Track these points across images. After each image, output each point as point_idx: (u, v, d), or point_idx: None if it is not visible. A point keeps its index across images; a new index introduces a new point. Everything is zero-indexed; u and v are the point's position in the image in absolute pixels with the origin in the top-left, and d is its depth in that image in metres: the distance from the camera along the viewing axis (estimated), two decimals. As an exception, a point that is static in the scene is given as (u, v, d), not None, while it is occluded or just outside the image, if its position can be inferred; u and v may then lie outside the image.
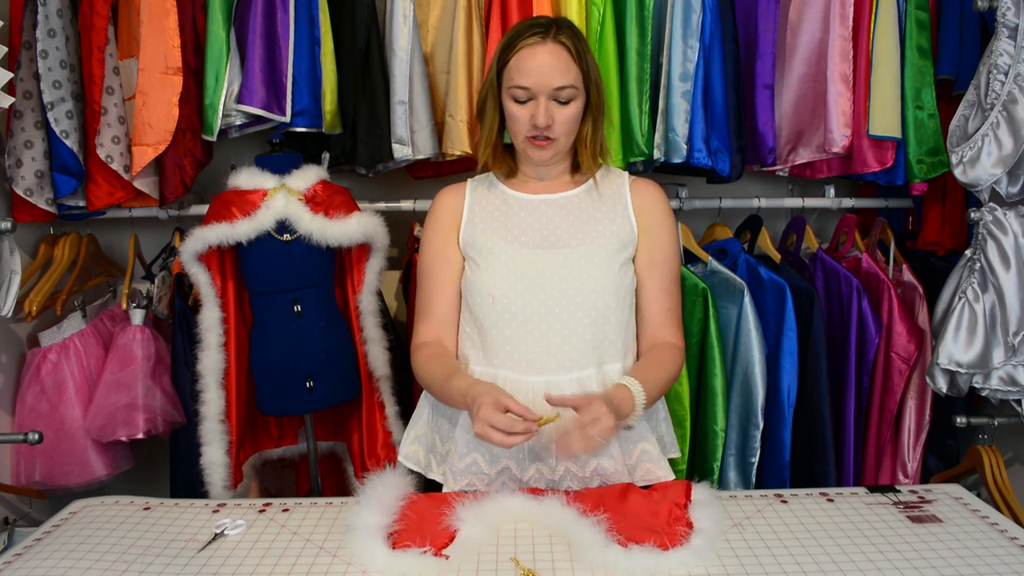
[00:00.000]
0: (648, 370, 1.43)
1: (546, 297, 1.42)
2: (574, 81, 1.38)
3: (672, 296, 1.49)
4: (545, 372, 1.42)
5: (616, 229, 1.46)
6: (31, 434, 1.86)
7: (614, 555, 1.20)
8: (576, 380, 1.42)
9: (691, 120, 2.07)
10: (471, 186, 1.56)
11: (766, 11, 2.11)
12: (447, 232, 1.52)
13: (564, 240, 1.45)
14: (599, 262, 1.43)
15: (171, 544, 1.30)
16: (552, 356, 1.42)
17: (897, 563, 1.20)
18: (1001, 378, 1.86)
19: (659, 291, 1.48)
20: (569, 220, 1.47)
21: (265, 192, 1.88)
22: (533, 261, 1.43)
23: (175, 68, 1.97)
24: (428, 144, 2.14)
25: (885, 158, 2.11)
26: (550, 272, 1.42)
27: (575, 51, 1.38)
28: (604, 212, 1.48)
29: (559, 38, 1.37)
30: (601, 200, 1.49)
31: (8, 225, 1.94)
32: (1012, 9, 1.76)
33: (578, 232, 1.45)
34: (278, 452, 2.18)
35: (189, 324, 2.06)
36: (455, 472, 1.49)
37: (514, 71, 1.38)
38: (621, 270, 1.44)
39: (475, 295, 1.46)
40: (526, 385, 1.42)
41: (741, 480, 2.07)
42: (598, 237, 1.45)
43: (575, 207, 1.48)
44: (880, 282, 2.15)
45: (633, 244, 1.47)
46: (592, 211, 1.48)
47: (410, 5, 2.09)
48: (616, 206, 1.48)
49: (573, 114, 1.40)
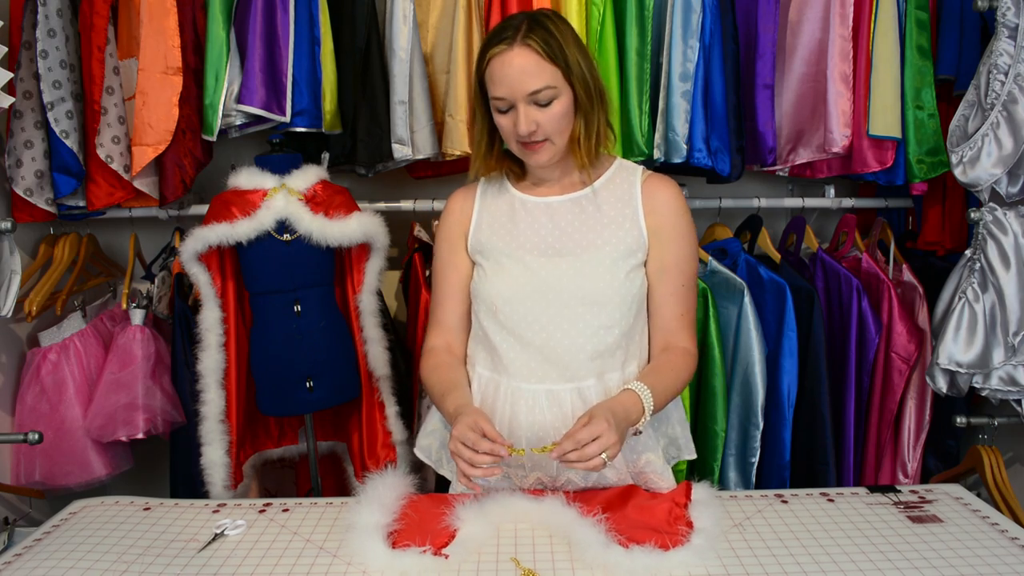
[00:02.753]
0: (657, 375, 1.39)
1: (547, 306, 1.39)
2: (550, 81, 1.31)
3: (685, 300, 1.44)
4: (546, 381, 1.40)
5: (623, 235, 1.41)
6: (31, 434, 1.86)
7: (615, 555, 1.20)
8: (576, 390, 1.40)
9: (691, 120, 2.07)
10: (482, 188, 1.53)
11: (766, 11, 2.11)
12: (455, 238, 1.51)
13: (569, 247, 1.41)
14: (603, 271, 1.39)
15: (171, 544, 1.30)
16: (553, 366, 1.40)
17: (897, 563, 1.20)
18: (1001, 378, 1.86)
19: (669, 296, 1.43)
20: (575, 225, 1.42)
21: (265, 192, 1.88)
22: (536, 270, 1.41)
23: (175, 68, 1.97)
24: (428, 144, 2.14)
25: (885, 158, 2.11)
26: (552, 281, 1.40)
27: (545, 50, 1.30)
28: (612, 216, 1.42)
29: (527, 40, 1.30)
30: (610, 202, 1.44)
31: (8, 225, 1.94)
32: (1012, 9, 1.76)
33: (583, 239, 1.41)
34: (278, 452, 2.18)
35: (189, 324, 2.06)
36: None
37: (490, 83, 1.35)
38: (628, 277, 1.40)
39: (480, 302, 1.46)
40: (528, 393, 1.41)
41: (741, 480, 2.07)
42: (604, 244, 1.40)
43: (582, 210, 1.43)
44: (880, 282, 2.15)
45: (642, 249, 1.42)
46: (599, 215, 1.43)
47: (410, 5, 2.09)
48: (625, 209, 1.43)
49: (557, 113, 1.33)
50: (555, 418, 1.39)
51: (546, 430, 1.39)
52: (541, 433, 1.39)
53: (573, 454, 1.19)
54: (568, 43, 1.33)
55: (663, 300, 1.43)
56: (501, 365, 1.43)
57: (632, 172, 1.47)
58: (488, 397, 1.45)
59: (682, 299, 1.44)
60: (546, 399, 1.40)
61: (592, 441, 1.19)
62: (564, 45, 1.32)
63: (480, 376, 1.47)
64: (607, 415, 1.22)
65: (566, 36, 1.34)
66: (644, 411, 1.30)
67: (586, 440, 1.19)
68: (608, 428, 1.20)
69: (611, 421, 1.21)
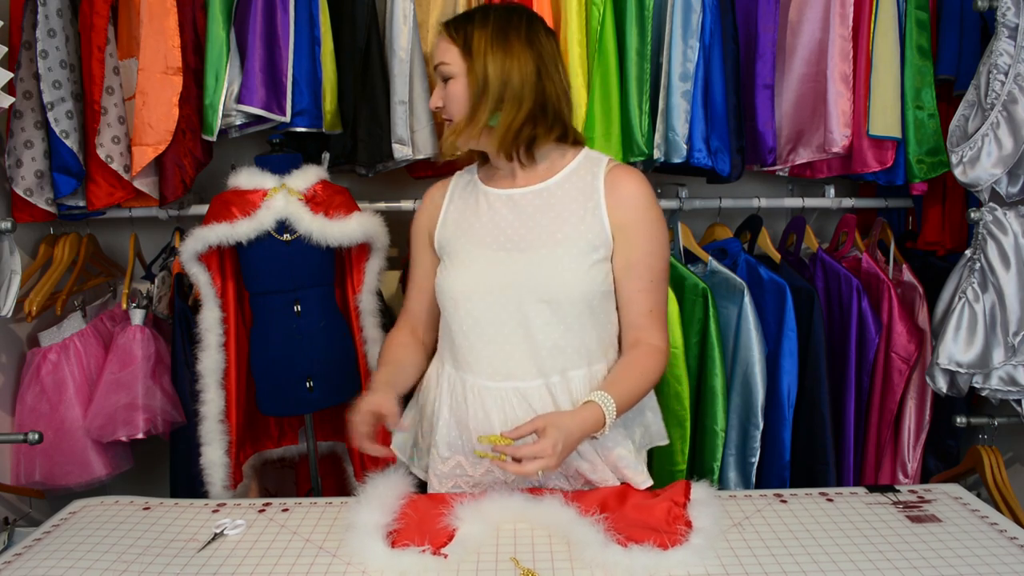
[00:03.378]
0: (623, 380, 1.37)
1: (507, 302, 1.39)
2: (448, 60, 1.37)
3: (653, 296, 1.41)
4: (510, 378, 1.40)
5: (584, 230, 1.38)
6: (31, 434, 1.86)
7: (614, 554, 1.20)
8: (541, 387, 1.40)
9: (691, 120, 2.07)
10: (454, 181, 1.56)
11: (766, 11, 2.11)
12: (422, 234, 1.57)
13: (528, 241, 1.40)
14: (563, 267, 1.37)
15: (171, 544, 1.30)
16: (516, 363, 1.40)
17: (897, 563, 1.20)
18: (1001, 378, 1.86)
19: (636, 292, 1.40)
20: (535, 219, 1.41)
21: (265, 192, 1.89)
22: (495, 264, 1.40)
23: (175, 68, 1.98)
24: (428, 144, 2.15)
25: (885, 158, 2.11)
26: (510, 277, 1.39)
27: (454, 30, 1.38)
28: (573, 209, 1.40)
29: (448, 24, 1.40)
30: (572, 194, 1.41)
31: (8, 225, 1.94)
32: (1012, 9, 1.76)
33: (543, 232, 1.40)
34: (278, 452, 2.18)
35: (189, 324, 2.06)
36: (440, 475, 1.49)
37: None
38: (590, 273, 1.38)
39: (441, 297, 1.47)
40: (493, 391, 1.41)
41: (741, 480, 2.07)
42: (563, 240, 1.38)
43: (544, 203, 1.42)
44: (880, 282, 2.15)
45: (606, 245, 1.39)
46: (560, 208, 1.40)
47: (410, 5, 2.09)
48: (587, 202, 1.40)
49: (453, 92, 1.38)
50: (525, 414, 1.39)
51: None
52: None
53: (511, 465, 1.22)
54: (488, 36, 1.36)
55: (630, 297, 1.41)
56: (465, 363, 1.44)
57: (596, 163, 1.44)
58: (457, 395, 1.46)
59: (650, 295, 1.41)
60: (514, 397, 1.40)
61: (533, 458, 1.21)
62: (480, 34, 1.36)
63: (449, 375, 1.48)
64: (557, 436, 1.23)
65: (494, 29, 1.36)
66: (605, 423, 1.31)
67: (527, 456, 1.21)
68: (552, 452, 1.21)
69: (558, 445, 1.22)
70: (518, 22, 1.38)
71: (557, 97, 1.39)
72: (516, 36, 1.37)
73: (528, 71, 1.36)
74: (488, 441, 1.26)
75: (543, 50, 1.38)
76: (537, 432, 1.24)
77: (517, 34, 1.37)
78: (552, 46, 1.41)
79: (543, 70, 1.37)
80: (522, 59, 1.35)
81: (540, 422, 1.25)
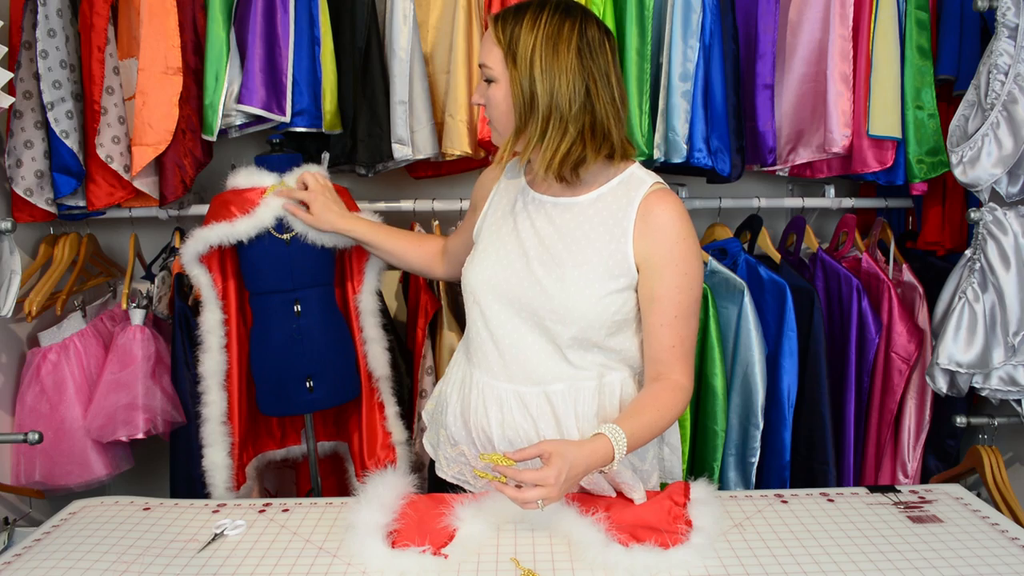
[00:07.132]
0: (639, 415, 1.30)
1: (517, 311, 1.38)
2: (491, 63, 1.30)
3: (677, 332, 1.34)
4: (515, 381, 1.40)
5: (606, 256, 1.33)
6: (31, 434, 1.86)
7: (614, 554, 1.20)
8: (545, 393, 1.39)
9: (691, 120, 2.07)
10: (507, 170, 1.50)
11: (766, 11, 2.11)
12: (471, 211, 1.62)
13: (550, 255, 1.36)
14: (575, 291, 1.33)
15: (171, 544, 1.30)
16: (521, 367, 1.39)
17: (897, 563, 1.20)
18: (1001, 378, 1.86)
19: (659, 327, 1.34)
20: (562, 232, 1.37)
21: (263, 190, 1.88)
22: (513, 272, 1.39)
23: (175, 68, 1.97)
24: (428, 144, 2.14)
25: (885, 158, 2.11)
26: (523, 288, 1.37)
27: (500, 32, 1.29)
28: (600, 233, 1.34)
29: (497, 19, 1.31)
30: (603, 215, 1.36)
31: (8, 225, 1.94)
32: (1012, 9, 1.76)
33: (564, 250, 1.35)
34: (281, 453, 2.18)
35: (189, 324, 2.06)
36: (447, 458, 1.52)
37: None
38: (603, 301, 1.33)
39: (463, 285, 1.48)
40: (494, 390, 1.42)
41: (741, 480, 2.07)
42: (583, 262, 1.34)
43: (573, 218, 1.37)
44: (880, 282, 2.15)
45: (627, 275, 1.33)
46: (588, 228, 1.35)
47: (410, 5, 2.09)
48: (615, 228, 1.34)
49: (494, 98, 1.32)
50: (523, 419, 1.39)
51: (516, 430, 1.40)
52: (511, 432, 1.40)
53: (511, 490, 1.18)
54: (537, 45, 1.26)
55: (653, 331, 1.35)
56: (475, 359, 1.45)
57: (637, 186, 1.36)
58: (465, 387, 1.48)
59: (673, 331, 1.34)
60: (513, 399, 1.40)
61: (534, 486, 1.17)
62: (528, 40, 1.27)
63: (461, 364, 1.51)
64: (562, 466, 1.17)
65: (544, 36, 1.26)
66: (614, 459, 1.25)
67: (529, 484, 1.17)
68: (554, 484, 1.16)
69: (561, 476, 1.17)
70: (571, 30, 1.27)
71: (606, 115, 1.30)
72: (567, 48, 1.27)
73: (577, 89, 1.27)
74: (490, 460, 1.21)
75: (594, 64, 1.28)
76: (542, 458, 1.19)
77: (568, 45, 1.27)
78: (606, 54, 1.31)
79: (592, 88, 1.28)
80: (571, 75, 1.26)
81: (547, 448, 1.19)
